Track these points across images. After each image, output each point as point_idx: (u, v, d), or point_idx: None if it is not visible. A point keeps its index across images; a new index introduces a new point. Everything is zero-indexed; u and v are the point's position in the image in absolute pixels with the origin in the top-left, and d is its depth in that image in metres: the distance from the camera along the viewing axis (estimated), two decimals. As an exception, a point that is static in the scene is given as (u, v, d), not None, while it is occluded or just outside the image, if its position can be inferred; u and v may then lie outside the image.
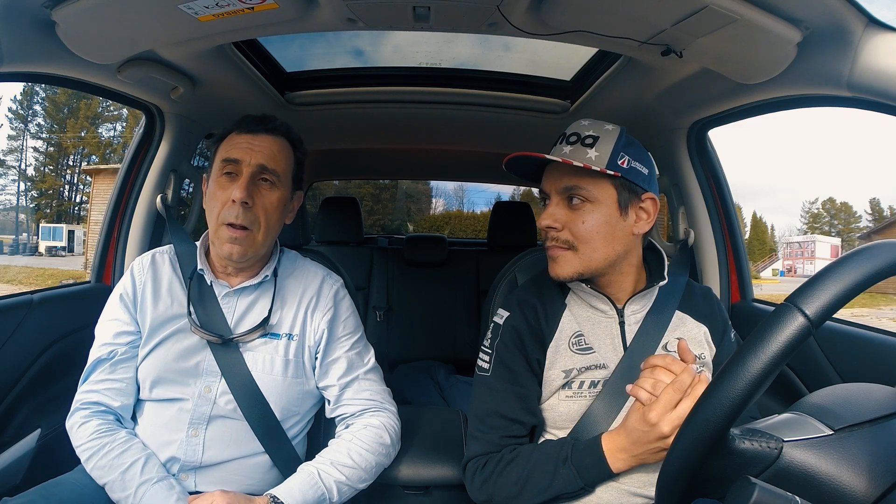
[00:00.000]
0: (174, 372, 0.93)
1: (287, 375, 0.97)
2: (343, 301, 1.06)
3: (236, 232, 0.91)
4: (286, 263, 1.06)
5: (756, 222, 39.68)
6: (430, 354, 2.23)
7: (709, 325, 0.94)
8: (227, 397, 0.93)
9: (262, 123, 0.98)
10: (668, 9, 0.90)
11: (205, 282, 0.99)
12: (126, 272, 1.01)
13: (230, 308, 0.98)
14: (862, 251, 0.45)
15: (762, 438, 0.48)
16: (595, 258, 0.86)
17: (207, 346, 0.95)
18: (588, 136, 0.86)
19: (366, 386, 1.03)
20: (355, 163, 2.87)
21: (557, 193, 0.88)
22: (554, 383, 0.89)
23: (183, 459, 0.92)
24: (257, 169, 0.94)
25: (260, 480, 0.96)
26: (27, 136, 28.63)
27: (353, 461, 0.92)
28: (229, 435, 0.94)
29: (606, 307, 0.92)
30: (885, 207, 38.32)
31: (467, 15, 1.06)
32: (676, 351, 0.89)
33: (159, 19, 1.00)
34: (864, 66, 0.83)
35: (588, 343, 0.90)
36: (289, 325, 1.00)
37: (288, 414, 0.99)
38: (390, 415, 1.03)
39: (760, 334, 0.44)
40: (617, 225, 0.86)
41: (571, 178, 0.86)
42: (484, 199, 25.74)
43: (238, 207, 0.91)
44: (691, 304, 0.96)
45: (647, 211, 0.89)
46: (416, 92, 1.68)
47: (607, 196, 0.86)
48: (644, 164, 0.88)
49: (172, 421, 0.92)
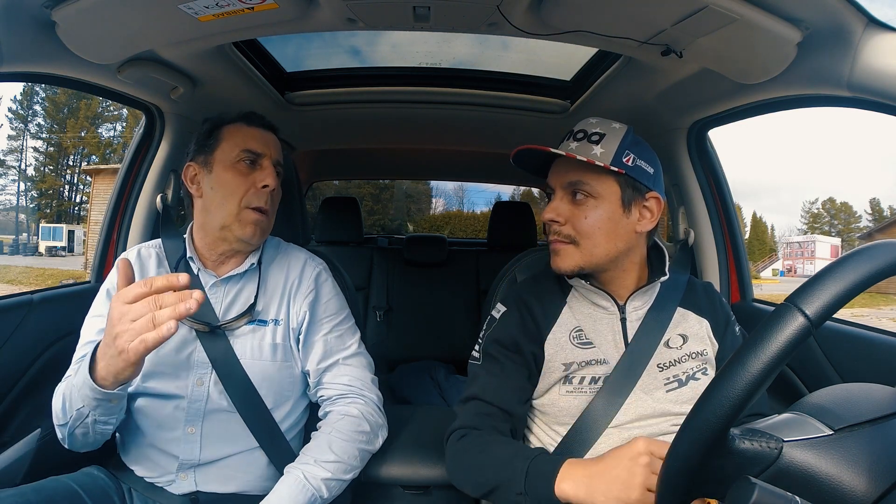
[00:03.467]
0: (167, 365, 0.94)
1: (276, 360, 0.98)
2: (325, 284, 1.07)
3: (262, 216, 0.97)
4: (269, 250, 1.07)
5: (756, 222, 39.70)
6: (430, 354, 2.22)
7: (710, 319, 0.94)
8: (219, 388, 0.94)
9: (268, 122, 1.05)
10: (668, 9, 0.90)
11: (192, 272, 1.00)
12: (112, 269, 1.01)
13: (217, 298, 0.99)
14: (862, 251, 0.45)
15: (762, 438, 0.48)
16: (596, 253, 0.87)
17: (197, 338, 0.95)
18: (595, 134, 0.87)
19: (345, 371, 1.03)
20: (355, 163, 2.87)
21: (562, 188, 0.89)
22: (553, 375, 0.89)
23: (182, 458, 0.92)
24: (276, 162, 1.01)
25: (259, 477, 0.96)
26: (27, 136, 28.66)
27: (335, 454, 0.92)
28: (225, 430, 0.94)
29: (608, 304, 0.92)
30: (885, 207, 38.35)
31: (467, 15, 1.06)
32: (678, 347, 0.89)
33: (159, 19, 1.00)
34: (864, 66, 0.83)
35: (588, 338, 0.90)
36: (274, 310, 1.01)
37: (280, 400, 0.99)
38: (369, 402, 1.02)
39: (760, 334, 0.44)
40: (619, 222, 0.87)
41: (576, 173, 0.87)
42: (484, 199, 25.80)
43: (268, 194, 0.97)
44: (693, 299, 0.96)
45: (651, 210, 0.89)
46: (417, 92, 1.68)
47: (611, 193, 0.86)
48: (650, 163, 0.89)
49: (169, 419, 0.93)
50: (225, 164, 0.97)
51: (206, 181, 0.98)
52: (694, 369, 0.89)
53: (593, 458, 0.74)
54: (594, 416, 0.86)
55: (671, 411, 0.87)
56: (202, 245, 1.01)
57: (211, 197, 0.97)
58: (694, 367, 0.89)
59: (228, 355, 0.95)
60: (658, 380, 0.88)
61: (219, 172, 0.97)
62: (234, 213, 0.95)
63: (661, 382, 0.88)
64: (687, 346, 0.90)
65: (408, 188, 24.35)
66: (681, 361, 0.89)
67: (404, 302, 2.34)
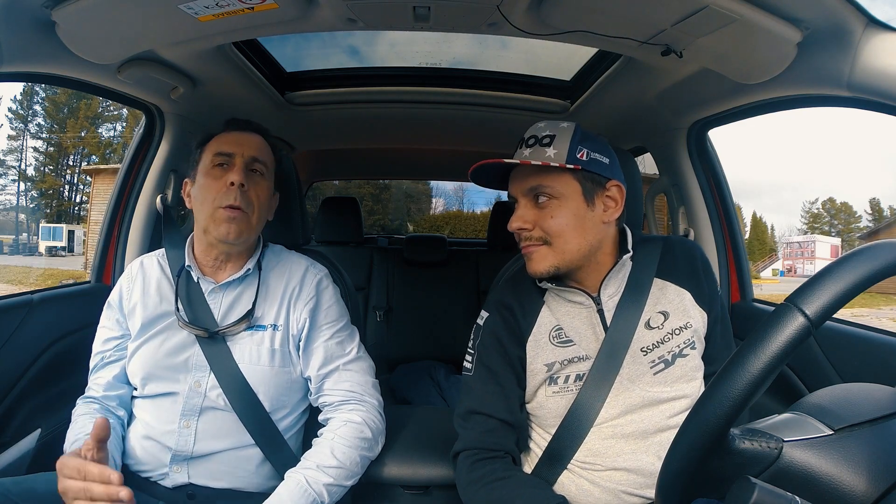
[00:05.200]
0: (164, 368, 0.97)
1: (274, 365, 0.99)
2: (326, 290, 1.07)
3: (234, 213, 0.96)
4: (270, 257, 1.08)
5: (756, 222, 39.70)
6: (430, 354, 2.22)
7: (692, 287, 0.92)
8: (216, 391, 0.95)
9: (248, 124, 1.06)
10: (668, 9, 0.90)
11: (192, 280, 1.02)
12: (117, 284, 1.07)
13: (216, 303, 1.01)
14: (862, 251, 0.45)
15: (762, 438, 0.48)
16: (568, 250, 0.87)
17: (196, 342, 0.98)
18: (545, 137, 0.88)
19: (346, 377, 1.03)
20: (355, 163, 2.87)
21: (523, 195, 0.89)
22: (538, 377, 0.89)
23: (175, 449, 0.93)
24: (250, 159, 1.00)
25: (253, 473, 0.97)
26: (27, 136, 28.66)
27: (337, 460, 0.93)
28: (220, 426, 0.95)
29: (583, 298, 0.91)
30: (885, 207, 38.34)
31: (467, 15, 1.06)
32: (659, 326, 0.89)
33: (159, 19, 1.00)
34: (864, 66, 0.83)
35: (568, 336, 0.90)
36: (273, 316, 1.02)
37: (278, 404, 1.00)
38: (370, 408, 1.03)
39: (760, 334, 0.44)
40: (586, 216, 0.87)
41: (535, 178, 0.87)
42: (484, 199, 25.74)
43: (236, 190, 0.96)
44: (671, 266, 0.93)
45: (614, 198, 0.89)
46: (417, 92, 1.68)
47: (572, 190, 0.87)
48: (604, 154, 0.89)
49: (167, 413, 0.95)
50: (203, 172, 1.01)
51: (193, 192, 1.02)
52: (681, 345, 0.88)
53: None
54: (580, 412, 0.86)
55: (660, 398, 0.86)
56: (199, 253, 1.04)
57: (194, 205, 1.01)
58: (680, 342, 0.88)
59: (227, 359, 0.97)
60: (643, 364, 0.87)
61: (199, 181, 1.01)
62: (209, 214, 0.97)
63: (647, 367, 0.87)
64: (669, 322, 0.89)
65: (408, 188, 24.34)
66: (664, 341, 0.88)
67: (404, 302, 2.34)
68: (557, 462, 0.88)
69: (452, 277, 2.39)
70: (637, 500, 0.83)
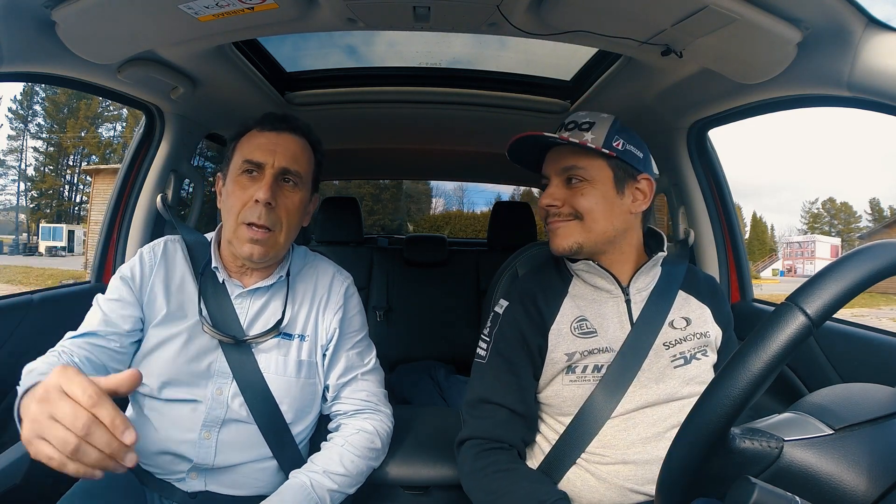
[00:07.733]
0: (186, 374, 0.91)
1: (300, 377, 0.96)
2: (352, 298, 1.06)
3: (258, 233, 0.90)
4: (296, 261, 1.04)
5: (756, 222, 39.71)
6: (430, 354, 2.22)
7: (712, 306, 0.96)
8: (238, 399, 0.91)
9: (284, 122, 0.97)
10: (668, 9, 0.90)
11: (217, 279, 0.96)
12: (135, 257, 0.97)
13: (243, 309, 0.96)
14: (862, 251, 0.45)
15: (762, 438, 0.48)
16: (596, 229, 0.89)
17: (219, 348, 0.93)
18: (585, 122, 0.91)
19: (363, 386, 1.02)
20: (355, 163, 2.87)
21: (557, 175, 0.92)
22: (556, 366, 0.90)
23: (195, 461, 0.90)
24: (280, 171, 0.93)
25: (269, 483, 0.95)
26: (27, 136, 28.66)
27: (345, 468, 0.91)
28: (242, 439, 0.92)
29: (612, 286, 0.93)
30: (885, 207, 38.35)
31: (467, 15, 1.06)
32: (682, 328, 0.91)
33: (159, 19, 1.00)
34: (864, 66, 0.83)
35: (591, 327, 0.91)
36: (301, 325, 0.98)
37: (300, 415, 0.97)
38: (384, 417, 1.02)
39: (761, 333, 0.44)
40: (614, 202, 0.90)
41: (570, 158, 0.90)
42: (484, 199, 25.81)
43: (261, 208, 0.90)
44: (694, 285, 0.98)
45: (644, 191, 0.92)
46: (418, 92, 1.68)
47: (604, 176, 0.89)
48: (639, 148, 0.93)
49: (185, 420, 0.90)
50: (232, 177, 0.94)
51: (223, 193, 0.96)
52: (696, 349, 0.91)
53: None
54: (597, 404, 0.87)
55: (677, 394, 0.87)
56: (228, 254, 0.98)
57: (222, 209, 0.95)
58: (696, 346, 0.91)
59: (252, 368, 0.93)
60: (664, 358, 0.89)
61: (228, 185, 0.95)
62: (233, 229, 0.92)
63: (668, 360, 0.89)
64: (690, 327, 0.92)
65: (408, 188, 24.35)
66: (686, 340, 0.91)
67: (404, 302, 2.34)
68: (568, 453, 0.88)
69: (452, 277, 2.39)
70: (641, 497, 0.83)
